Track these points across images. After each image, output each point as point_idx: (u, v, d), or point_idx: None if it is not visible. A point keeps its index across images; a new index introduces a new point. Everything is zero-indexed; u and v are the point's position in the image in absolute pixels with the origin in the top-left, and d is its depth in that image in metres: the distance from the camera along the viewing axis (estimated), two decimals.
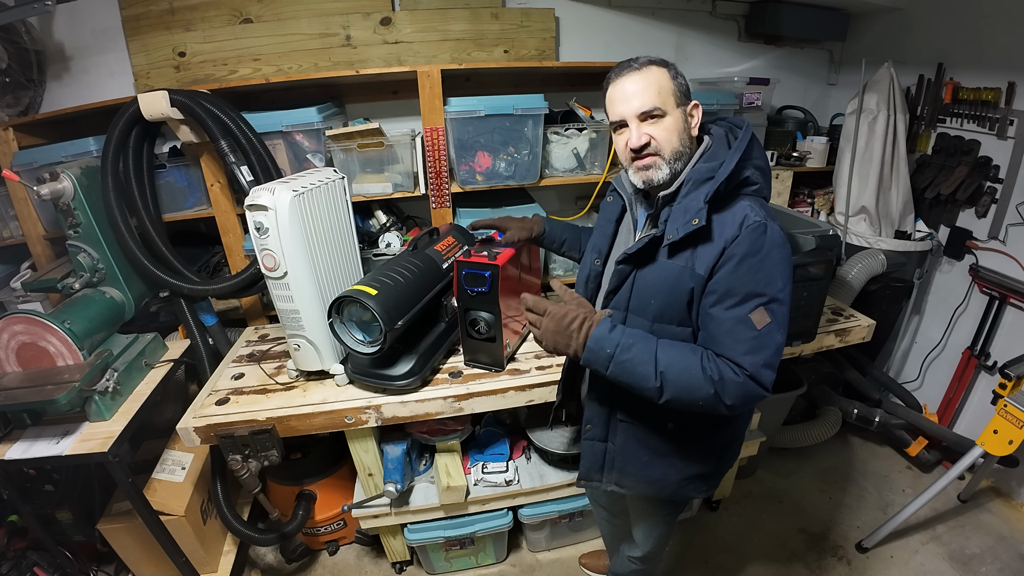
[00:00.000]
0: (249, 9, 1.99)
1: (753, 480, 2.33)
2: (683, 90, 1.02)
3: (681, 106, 1.01)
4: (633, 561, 1.50)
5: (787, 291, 0.97)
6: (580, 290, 1.26)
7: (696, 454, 1.17)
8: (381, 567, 1.98)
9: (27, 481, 1.74)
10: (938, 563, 1.92)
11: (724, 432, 1.17)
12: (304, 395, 1.51)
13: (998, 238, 2.07)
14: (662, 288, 1.02)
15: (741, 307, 0.95)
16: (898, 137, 2.15)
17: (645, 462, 1.19)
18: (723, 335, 0.97)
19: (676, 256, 1.00)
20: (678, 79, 1.01)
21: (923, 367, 2.48)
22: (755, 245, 0.94)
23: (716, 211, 0.98)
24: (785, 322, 0.97)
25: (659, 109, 0.99)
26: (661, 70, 1.00)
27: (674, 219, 0.99)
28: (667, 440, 1.15)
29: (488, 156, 1.90)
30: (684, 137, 1.02)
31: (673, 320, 1.04)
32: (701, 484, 1.21)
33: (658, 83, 0.99)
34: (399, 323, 1.33)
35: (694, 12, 2.38)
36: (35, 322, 1.42)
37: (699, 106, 1.04)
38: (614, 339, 0.99)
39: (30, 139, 1.86)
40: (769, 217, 0.97)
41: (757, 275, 0.94)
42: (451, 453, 1.74)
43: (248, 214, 1.30)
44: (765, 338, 0.95)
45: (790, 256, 0.98)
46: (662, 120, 1.00)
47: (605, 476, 1.25)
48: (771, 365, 0.96)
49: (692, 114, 1.03)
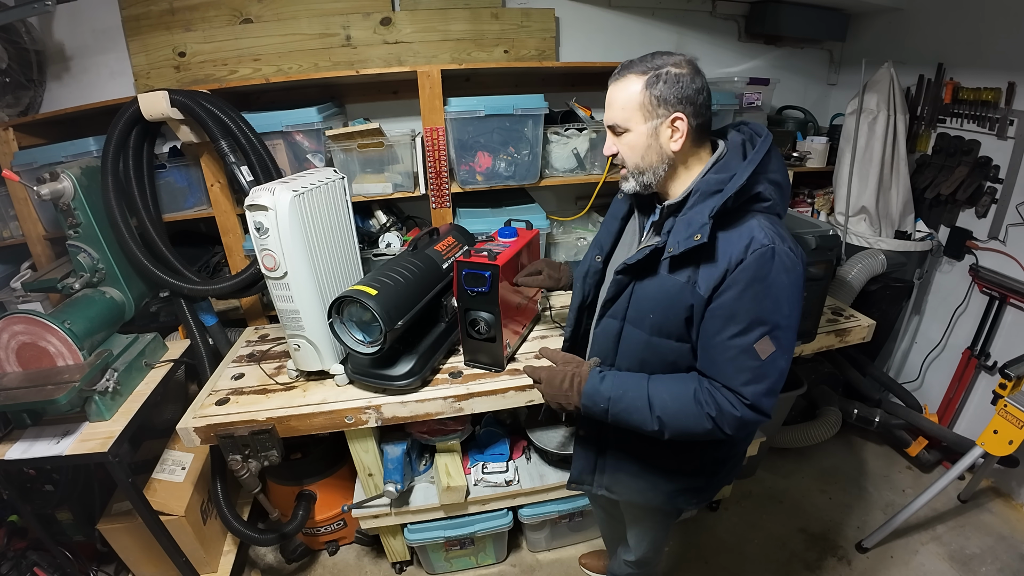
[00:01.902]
0: (249, 9, 1.99)
1: (753, 480, 2.33)
2: (661, 101, 0.92)
3: (652, 120, 0.94)
4: (628, 565, 1.49)
5: (795, 315, 0.93)
6: (578, 284, 1.25)
7: (687, 469, 1.16)
8: (381, 567, 1.98)
9: (27, 481, 1.73)
10: (938, 563, 1.92)
11: (720, 450, 1.15)
12: (304, 395, 1.50)
13: (998, 238, 2.07)
14: (661, 302, 0.99)
15: (745, 336, 0.91)
16: (898, 137, 2.15)
17: (635, 471, 1.19)
18: (725, 363, 0.94)
19: (677, 271, 0.96)
20: (656, 88, 0.92)
21: (923, 367, 2.48)
22: (761, 271, 0.89)
23: (722, 228, 0.92)
24: (791, 345, 0.94)
25: (619, 126, 0.97)
26: (638, 81, 0.93)
27: (677, 232, 0.95)
28: (657, 453, 1.14)
29: (488, 156, 1.90)
30: (649, 154, 0.97)
31: (671, 335, 1.01)
32: (692, 497, 1.21)
33: (626, 97, 0.94)
34: (399, 323, 1.33)
35: (694, 12, 2.38)
36: (35, 322, 1.42)
37: (683, 118, 0.93)
38: (604, 393, 1.02)
39: (30, 139, 1.86)
40: (779, 238, 0.91)
41: (763, 303, 0.90)
42: (451, 453, 1.74)
43: (248, 214, 1.30)
44: (769, 367, 0.92)
45: (800, 278, 0.93)
46: (624, 136, 0.98)
47: (596, 480, 1.26)
48: (773, 392, 0.95)
49: (675, 127, 0.94)
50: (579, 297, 1.25)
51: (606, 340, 1.11)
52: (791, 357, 0.96)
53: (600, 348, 1.13)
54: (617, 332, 1.08)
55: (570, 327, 1.30)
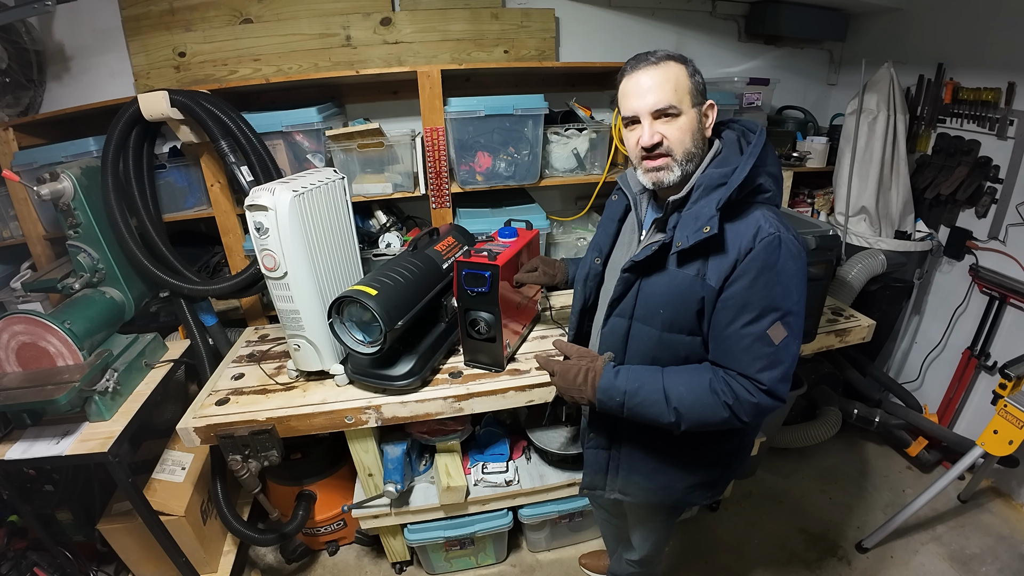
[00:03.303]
0: (249, 9, 1.99)
1: (753, 480, 2.33)
2: (700, 88, 0.97)
3: (697, 105, 0.97)
4: (631, 564, 1.49)
5: (802, 300, 0.96)
6: (579, 288, 1.26)
7: (703, 462, 1.16)
8: (381, 567, 1.98)
9: (27, 481, 1.74)
10: (938, 563, 1.92)
11: (732, 441, 1.16)
12: (304, 395, 1.50)
13: (998, 238, 2.07)
14: (672, 297, 1.00)
15: (758, 323, 0.93)
16: (898, 137, 2.15)
17: (651, 469, 1.18)
18: (740, 352, 0.95)
19: (686, 265, 0.97)
20: (696, 77, 0.97)
21: (923, 367, 2.48)
22: (771, 259, 0.91)
23: (728, 220, 0.95)
24: (800, 331, 0.97)
25: (674, 107, 0.94)
26: (679, 66, 0.95)
27: (683, 226, 0.96)
28: (673, 448, 1.14)
29: (488, 156, 1.90)
30: (698, 138, 0.98)
31: (683, 330, 1.02)
32: (706, 491, 1.21)
33: (675, 79, 0.94)
34: (399, 323, 1.33)
35: (694, 12, 2.38)
36: (35, 322, 1.42)
37: (715, 106, 0.99)
38: (620, 387, 1.02)
39: (30, 139, 1.86)
40: (783, 227, 0.94)
41: (773, 290, 0.92)
42: (451, 453, 1.74)
43: (248, 214, 1.30)
44: (783, 352, 0.94)
45: (805, 266, 0.96)
46: (676, 119, 0.95)
47: (609, 484, 1.24)
48: (787, 377, 0.96)
49: (707, 114, 0.99)
50: (580, 300, 1.26)
51: (614, 339, 1.10)
52: (801, 342, 0.98)
53: (608, 347, 1.13)
54: (625, 330, 1.08)
55: (572, 330, 1.31)
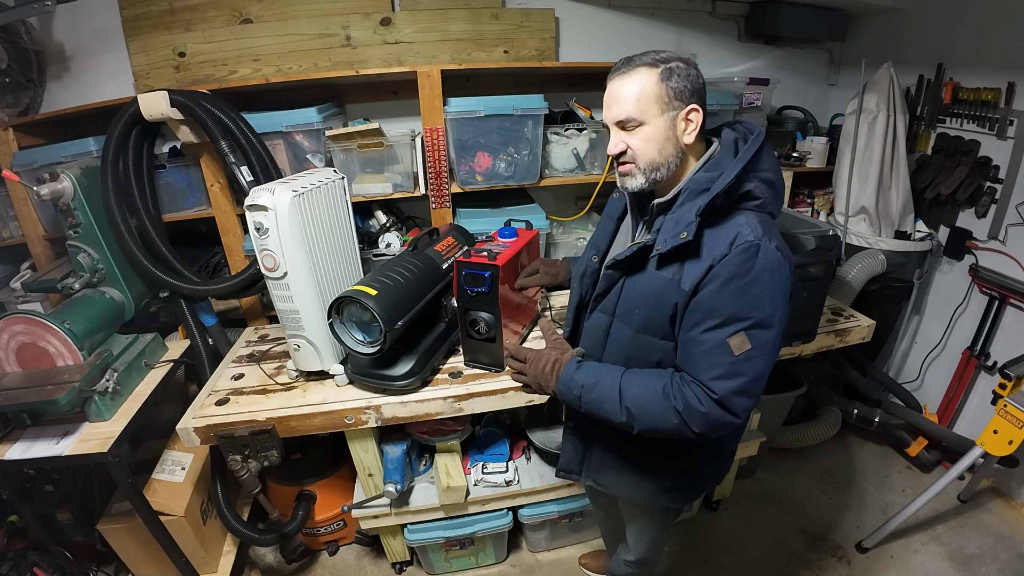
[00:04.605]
0: (249, 9, 1.99)
1: (753, 480, 2.33)
2: (677, 93, 0.93)
3: (668, 112, 0.93)
4: (628, 565, 1.49)
5: (778, 316, 0.91)
6: (575, 284, 1.27)
7: (670, 469, 1.17)
8: (381, 567, 1.98)
9: (27, 481, 1.74)
10: (938, 563, 1.92)
11: (704, 450, 1.14)
12: (304, 395, 1.50)
13: (998, 238, 2.07)
14: (648, 299, 1.00)
15: (720, 330, 0.91)
16: (898, 137, 2.15)
17: (620, 465, 1.20)
18: (699, 356, 0.93)
19: (664, 268, 0.97)
20: (671, 81, 0.92)
21: (923, 367, 2.48)
22: (744, 267, 0.89)
23: (710, 225, 0.93)
24: (771, 349, 0.92)
25: (634, 119, 0.93)
26: (651, 72, 0.92)
27: (665, 229, 0.96)
28: (639, 450, 1.15)
29: (488, 156, 1.90)
30: (667, 147, 0.95)
31: (656, 333, 1.01)
32: (677, 495, 1.21)
33: (640, 90, 0.92)
34: (399, 323, 1.33)
35: (694, 12, 2.38)
36: (35, 322, 1.42)
37: (699, 110, 0.95)
38: (579, 380, 1.05)
39: (30, 139, 1.86)
40: (767, 236, 0.90)
41: (742, 299, 0.89)
42: (451, 453, 1.74)
43: (248, 214, 1.30)
44: (743, 364, 0.90)
45: (787, 279, 0.92)
46: (640, 129, 0.94)
47: (584, 472, 1.28)
48: (746, 392, 0.92)
49: (689, 119, 0.95)
50: (576, 297, 1.26)
51: (596, 334, 1.12)
52: (772, 360, 0.93)
53: (590, 342, 1.15)
54: (606, 327, 1.09)
55: (568, 326, 1.31)
